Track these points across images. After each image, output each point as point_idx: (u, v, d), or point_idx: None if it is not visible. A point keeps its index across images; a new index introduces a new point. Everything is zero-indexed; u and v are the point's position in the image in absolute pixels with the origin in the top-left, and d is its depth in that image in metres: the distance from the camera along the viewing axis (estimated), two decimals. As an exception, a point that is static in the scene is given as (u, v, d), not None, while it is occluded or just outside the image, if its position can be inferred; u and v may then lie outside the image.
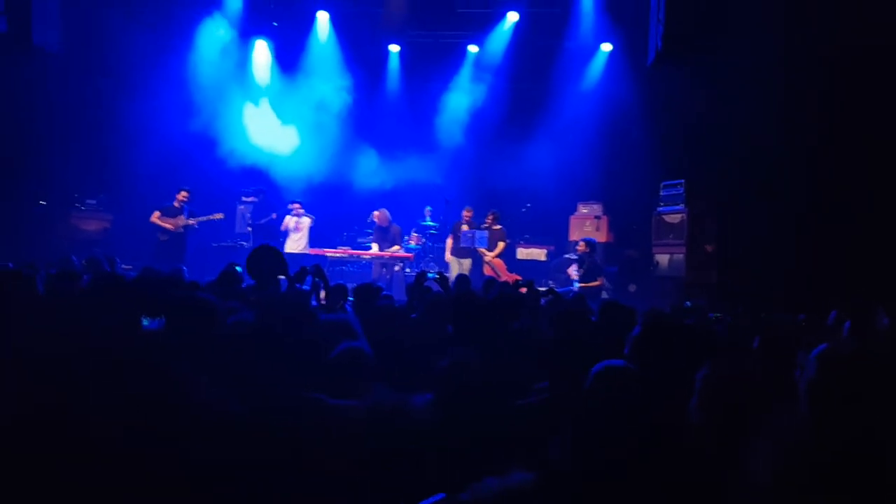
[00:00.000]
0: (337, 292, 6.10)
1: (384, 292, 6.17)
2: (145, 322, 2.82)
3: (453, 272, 11.04)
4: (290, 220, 12.14)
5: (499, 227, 11.76)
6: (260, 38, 13.95)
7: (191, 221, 11.20)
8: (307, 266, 5.52)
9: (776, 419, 2.84)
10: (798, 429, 2.65)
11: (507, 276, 11.67)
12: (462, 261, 11.57)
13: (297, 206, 12.18)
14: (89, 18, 11.36)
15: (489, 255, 11.54)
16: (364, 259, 12.28)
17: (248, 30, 13.65)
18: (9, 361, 2.55)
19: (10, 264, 6.24)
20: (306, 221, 12.17)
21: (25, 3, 10.06)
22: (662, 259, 11.30)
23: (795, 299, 7.52)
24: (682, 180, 11.13)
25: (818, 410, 2.77)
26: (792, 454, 2.57)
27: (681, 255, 10.89)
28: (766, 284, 9.13)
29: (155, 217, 11.05)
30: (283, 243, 12.17)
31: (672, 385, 2.76)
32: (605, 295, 10.23)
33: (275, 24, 14.02)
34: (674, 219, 11.15)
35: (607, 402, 2.36)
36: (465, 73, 14.04)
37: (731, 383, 3.03)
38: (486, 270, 11.39)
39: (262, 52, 14.05)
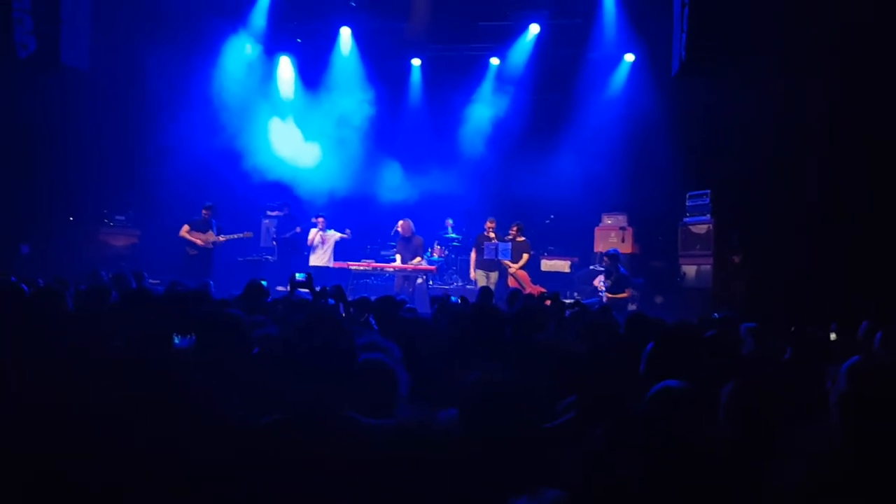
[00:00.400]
0: (360, 306, 6.12)
1: (407, 305, 6.17)
2: (176, 340, 2.85)
3: (480, 285, 11.00)
4: (314, 235, 12.20)
5: (522, 238, 11.72)
6: (284, 54, 14.11)
7: (220, 238, 11.32)
8: (328, 287, 5.54)
9: (807, 433, 2.79)
10: (829, 442, 2.60)
11: (531, 288, 11.62)
12: (489, 273, 11.50)
13: (321, 220, 12.24)
14: (117, 37, 11.57)
15: (513, 267, 11.51)
16: (387, 272, 12.30)
17: (272, 46, 13.82)
18: (39, 376, 2.58)
19: (41, 280, 6.35)
20: (332, 236, 12.22)
21: (55, 23, 10.27)
22: (689, 270, 11.19)
23: (825, 310, 7.39)
24: (708, 190, 11.04)
25: (849, 424, 2.71)
26: (823, 468, 2.52)
27: (708, 266, 10.78)
28: (794, 295, 8.99)
29: (184, 231, 11.17)
30: (307, 257, 12.24)
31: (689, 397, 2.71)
32: (632, 307, 10.14)
33: (298, 40, 14.17)
34: (700, 229, 11.05)
35: (669, 425, 2.30)
36: (487, 86, 14.06)
37: (760, 396, 2.99)
38: (511, 282, 11.36)
39: (286, 68, 14.21)
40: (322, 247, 12.19)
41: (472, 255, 11.90)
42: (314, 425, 2.26)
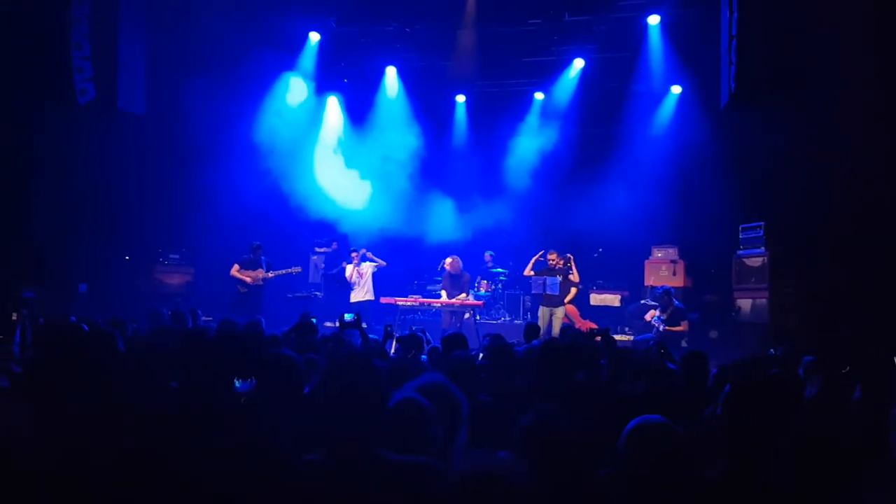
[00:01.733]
0: (410, 342, 6.09)
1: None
2: (237, 384, 2.86)
3: (543, 321, 10.80)
4: (351, 271, 12.17)
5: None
6: (332, 94, 14.40)
7: (270, 275, 11.45)
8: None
9: (879, 475, 2.66)
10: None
11: (580, 323, 11.47)
12: (554, 310, 11.01)
13: (355, 255, 12.20)
14: (171, 81, 11.95)
15: (562, 302, 11.36)
16: (434, 307, 12.25)
17: (320, 87, 14.11)
18: (88, 421, 2.61)
19: (99, 319, 6.48)
20: (367, 268, 12.16)
21: (112, 70, 10.67)
22: (745, 304, 10.91)
23: (886, 345, 7.10)
24: (762, 223, 10.80)
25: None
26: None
27: (763, 300, 10.50)
28: (853, 329, 8.68)
29: (234, 270, 11.34)
30: (353, 292, 12.28)
31: (765, 441, 2.62)
32: (684, 344, 9.90)
33: (345, 80, 14.45)
34: (755, 262, 10.80)
35: (646, 464, 2.23)
36: (532, 120, 14.11)
37: (827, 440, 2.86)
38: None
39: (333, 108, 14.50)
40: (360, 281, 12.18)
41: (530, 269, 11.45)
42: (348, 464, 2.25)
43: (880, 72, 8.83)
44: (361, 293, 12.11)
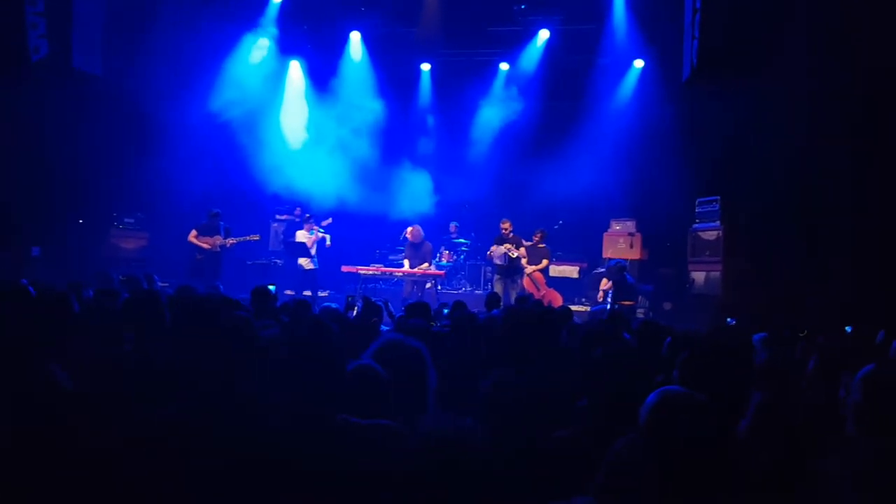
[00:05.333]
0: (371, 310, 6.10)
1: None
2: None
3: (499, 291, 10.86)
4: (309, 236, 11.90)
5: (543, 245, 11.69)
6: (294, 58, 14.14)
7: (228, 242, 11.27)
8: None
9: (833, 444, 2.75)
10: (854, 456, 2.55)
11: (545, 290, 11.60)
12: (507, 281, 11.13)
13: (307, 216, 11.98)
14: (129, 41, 11.58)
15: (530, 268, 11.46)
16: (396, 276, 12.22)
17: (282, 50, 13.84)
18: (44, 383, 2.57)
19: (51, 282, 6.34)
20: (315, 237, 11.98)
21: (66, 27, 10.31)
22: (698, 276, 11.13)
23: (838, 318, 7.32)
24: (718, 196, 10.98)
25: (867, 435, 2.66)
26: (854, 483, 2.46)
27: (717, 273, 10.72)
28: (805, 303, 8.92)
29: (192, 237, 11.17)
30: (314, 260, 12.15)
31: (721, 407, 2.68)
32: (640, 315, 10.05)
33: (308, 46, 14.19)
34: (710, 235, 11.00)
35: (674, 436, 2.24)
36: (496, 91, 14.07)
37: (788, 408, 2.94)
38: (526, 283, 11.32)
39: (296, 73, 14.25)
40: (313, 249, 11.93)
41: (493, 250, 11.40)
42: (310, 429, 2.25)
43: (840, 52, 8.98)
44: (314, 262, 11.98)
